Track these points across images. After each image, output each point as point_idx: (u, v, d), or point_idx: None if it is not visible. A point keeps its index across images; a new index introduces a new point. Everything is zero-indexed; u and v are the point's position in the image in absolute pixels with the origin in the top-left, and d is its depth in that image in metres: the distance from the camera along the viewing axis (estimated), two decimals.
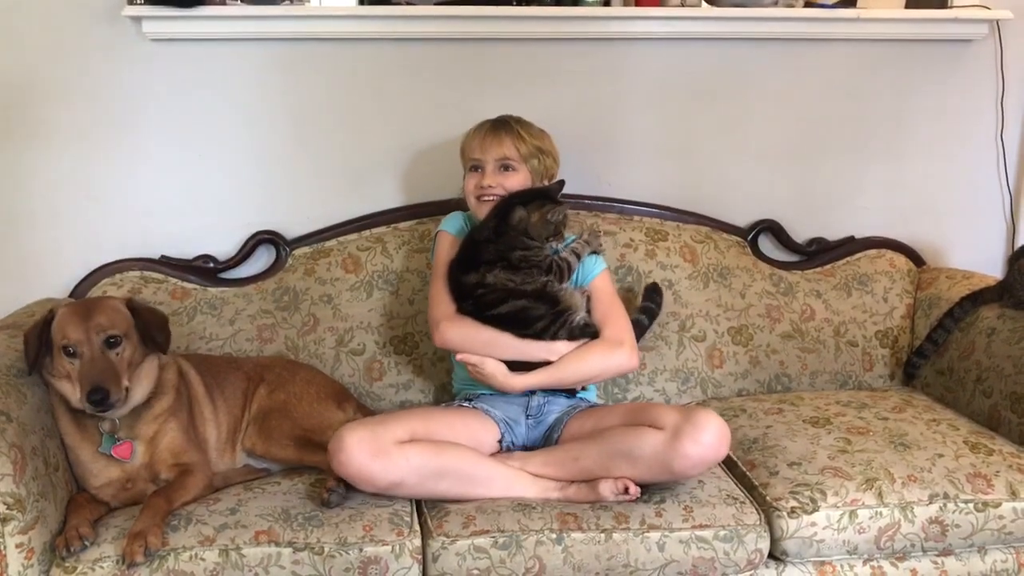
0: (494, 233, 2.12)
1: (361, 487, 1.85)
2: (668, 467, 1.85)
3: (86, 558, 1.69)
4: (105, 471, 1.87)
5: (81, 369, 1.82)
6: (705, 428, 1.82)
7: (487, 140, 2.23)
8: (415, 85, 2.52)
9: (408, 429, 1.90)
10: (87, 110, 2.41)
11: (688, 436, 1.82)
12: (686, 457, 1.83)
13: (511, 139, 2.21)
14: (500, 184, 2.19)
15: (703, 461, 1.85)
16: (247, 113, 2.48)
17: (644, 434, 1.87)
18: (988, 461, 2.02)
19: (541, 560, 1.80)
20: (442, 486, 1.88)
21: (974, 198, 2.80)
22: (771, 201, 2.71)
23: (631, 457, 1.87)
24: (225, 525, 1.76)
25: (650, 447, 1.85)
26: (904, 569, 1.97)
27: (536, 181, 2.23)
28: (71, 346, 1.83)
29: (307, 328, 2.40)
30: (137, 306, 1.95)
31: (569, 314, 2.09)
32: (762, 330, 2.53)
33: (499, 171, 2.21)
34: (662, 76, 2.60)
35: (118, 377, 1.83)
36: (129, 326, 1.90)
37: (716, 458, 1.87)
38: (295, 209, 2.54)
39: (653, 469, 1.87)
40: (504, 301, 2.08)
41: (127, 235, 2.48)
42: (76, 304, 1.92)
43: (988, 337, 2.32)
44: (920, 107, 2.71)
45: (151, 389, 1.92)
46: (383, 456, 1.81)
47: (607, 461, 1.90)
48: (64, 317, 1.86)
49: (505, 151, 2.20)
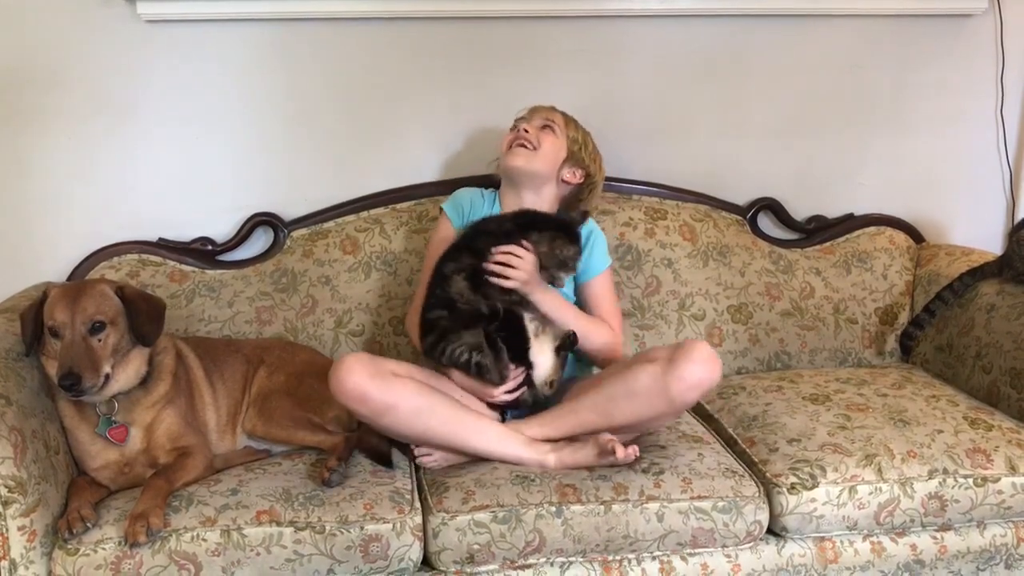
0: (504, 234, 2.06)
1: (355, 407, 1.87)
2: (667, 394, 1.86)
3: (88, 540, 1.69)
4: (102, 453, 1.87)
5: (61, 351, 1.81)
6: (696, 348, 1.86)
7: (538, 106, 2.28)
8: (412, 66, 2.50)
9: (406, 370, 1.94)
10: (83, 93, 2.39)
11: (682, 358, 1.84)
12: (682, 379, 1.84)
13: (558, 113, 2.26)
14: (536, 137, 2.20)
15: (699, 382, 1.86)
16: (244, 95, 2.46)
17: (639, 368, 1.90)
18: (987, 436, 2.03)
19: (541, 533, 1.81)
20: (433, 422, 1.89)
21: (974, 174, 2.80)
22: (770, 179, 2.70)
23: (630, 394, 1.89)
24: (226, 506, 1.76)
25: (648, 376, 1.87)
26: (903, 544, 1.97)
27: (569, 157, 2.23)
28: (56, 327, 1.82)
29: (306, 310, 2.39)
30: (129, 293, 1.92)
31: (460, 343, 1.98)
32: (761, 308, 2.53)
33: (541, 129, 2.22)
34: (660, 53, 2.59)
35: (96, 363, 1.80)
36: (117, 313, 1.87)
37: (711, 378, 1.87)
38: (293, 191, 2.53)
39: (653, 401, 1.88)
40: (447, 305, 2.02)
41: (125, 218, 2.47)
42: (68, 286, 1.91)
43: (988, 313, 2.31)
44: (920, 82, 2.70)
45: (139, 377, 1.90)
46: (379, 378, 1.85)
47: (606, 404, 1.91)
48: (54, 298, 1.85)
49: (548, 115, 2.25)
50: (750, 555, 1.92)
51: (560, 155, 2.23)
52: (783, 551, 1.94)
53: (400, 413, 1.87)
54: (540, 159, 2.20)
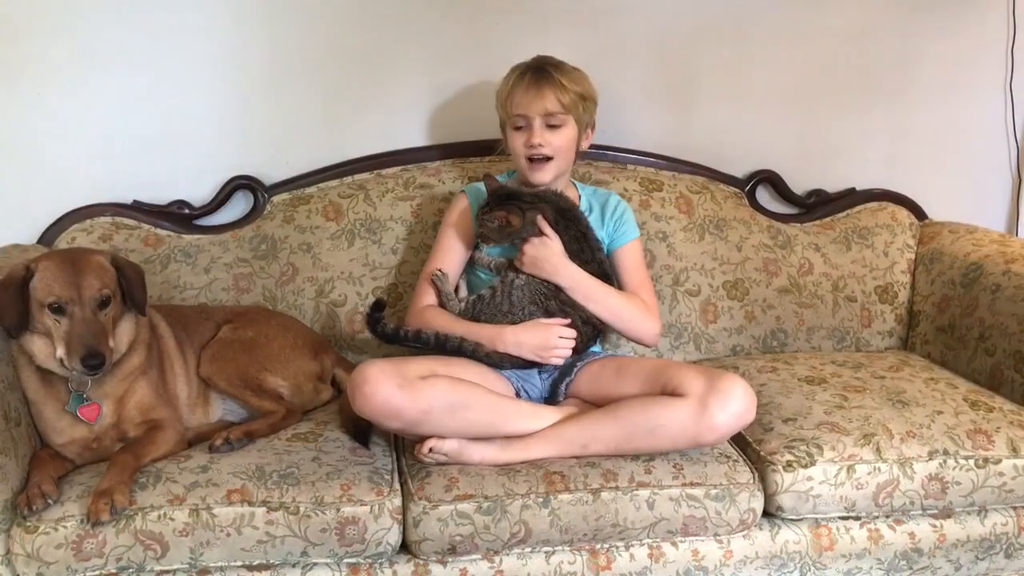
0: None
1: (386, 423, 1.79)
2: (695, 439, 1.81)
3: (48, 517, 1.62)
4: (70, 429, 1.78)
5: (72, 330, 1.72)
6: (733, 397, 1.78)
7: (529, 94, 2.11)
8: (402, 19, 2.41)
9: (427, 367, 1.85)
10: (53, 44, 2.29)
11: (717, 405, 1.77)
12: (715, 429, 1.79)
13: (553, 91, 2.10)
14: (549, 143, 2.11)
15: (732, 430, 1.82)
16: (224, 49, 2.37)
17: (667, 407, 1.81)
18: (988, 418, 1.99)
19: (527, 524, 1.75)
20: (471, 415, 1.81)
21: (980, 149, 2.74)
22: (770, 150, 2.63)
23: (653, 434, 1.81)
24: (196, 483, 1.69)
25: (677, 423, 1.79)
26: (902, 532, 1.93)
27: (581, 131, 2.16)
28: (61, 304, 1.72)
29: (286, 278, 2.32)
30: (121, 262, 1.85)
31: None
32: (758, 284, 2.46)
33: (546, 128, 2.11)
34: (660, 14, 2.51)
35: (107, 338, 1.75)
36: (116, 284, 1.81)
37: (744, 425, 1.84)
38: (274, 154, 2.44)
39: (677, 440, 1.82)
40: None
41: (98, 179, 2.37)
42: (60, 258, 1.80)
43: (992, 294, 2.25)
44: (927, 53, 2.63)
45: (127, 347, 1.84)
46: (408, 387, 1.75)
47: (624, 443, 1.83)
48: (51, 272, 1.74)
49: (548, 105, 2.10)
50: (743, 541, 1.88)
51: (574, 141, 2.16)
52: (777, 537, 1.90)
53: (434, 416, 1.78)
54: (561, 162, 2.14)
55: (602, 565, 1.82)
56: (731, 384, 1.79)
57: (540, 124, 2.11)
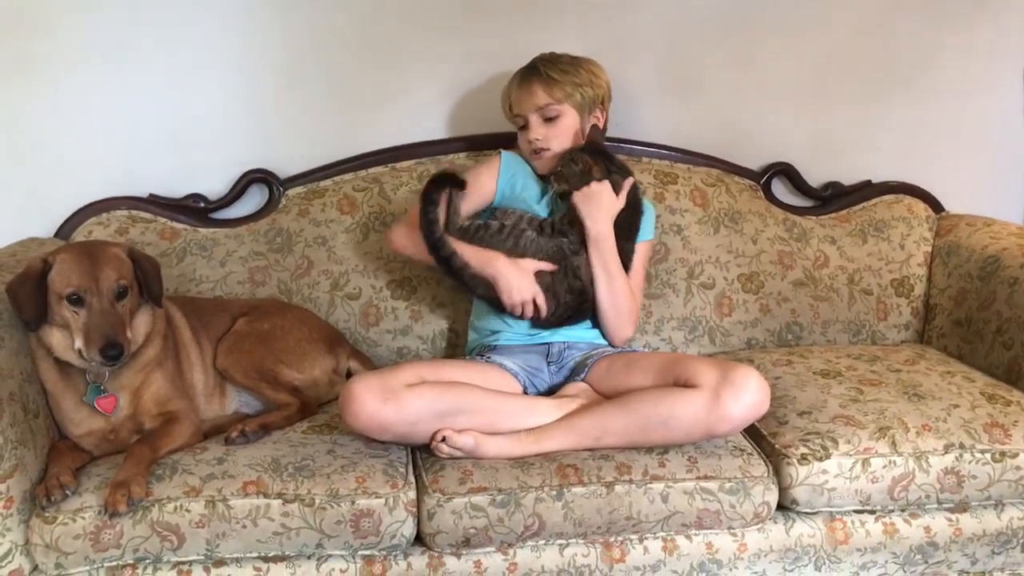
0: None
1: (378, 437, 1.80)
2: (708, 431, 1.80)
3: (67, 508, 1.63)
4: (87, 421, 1.80)
5: (90, 320, 1.73)
6: (747, 388, 1.77)
7: (519, 93, 2.19)
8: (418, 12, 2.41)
9: (417, 374, 1.84)
10: (71, 41, 2.29)
11: (730, 396, 1.76)
12: (728, 420, 1.78)
13: (540, 86, 2.15)
14: (546, 136, 2.16)
15: (746, 421, 1.81)
16: (239, 44, 2.37)
17: (680, 398, 1.80)
18: (1005, 411, 1.97)
19: (541, 517, 1.75)
20: (461, 420, 1.80)
21: (997, 141, 2.70)
22: (785, 143, 2.61)
23: (667, 425, 1.80)
24: (212, 475, 1.70)
25: (690, 414, 1.79)
26: (917, 526, 1.92)
27: (586, 115, 2.19)
28: (79, 294, 1.74)
29: (301, 271, 2.32)
30: (137, 254, 1.87)
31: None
32: (773, 277, 2.45)
33: (542, 123, 2.17)
34: (672, 9, 2.49)
35: (125, 329, 1.77)
36: (133, 275, 1.82)
37: (758, 416, 1.83)
38: (289, 147, 2.44)
39: (692, 435, 1.82)
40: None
41: (114, 173, 2.38)
42: (78, 250, 1.81)
43: (1010, 287, 2.23)
44: (944, 43, 2.60)
45: (145, 339, 1.85)
46: (393, 399, 1.75)
47: (637, 435, 1.83)
48: (69, 263, 1.76)
49: (536, 100, 2.15)
50: (757, 535, 1.87)
51: (576, 124, 2.19)
52: (792, 531, 1.89)
53: (424, 425, 1.79)
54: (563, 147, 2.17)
55: (616, 558, 1.81)
56: (745, 375, 1.78)
57: (536, 119, 2.16)
